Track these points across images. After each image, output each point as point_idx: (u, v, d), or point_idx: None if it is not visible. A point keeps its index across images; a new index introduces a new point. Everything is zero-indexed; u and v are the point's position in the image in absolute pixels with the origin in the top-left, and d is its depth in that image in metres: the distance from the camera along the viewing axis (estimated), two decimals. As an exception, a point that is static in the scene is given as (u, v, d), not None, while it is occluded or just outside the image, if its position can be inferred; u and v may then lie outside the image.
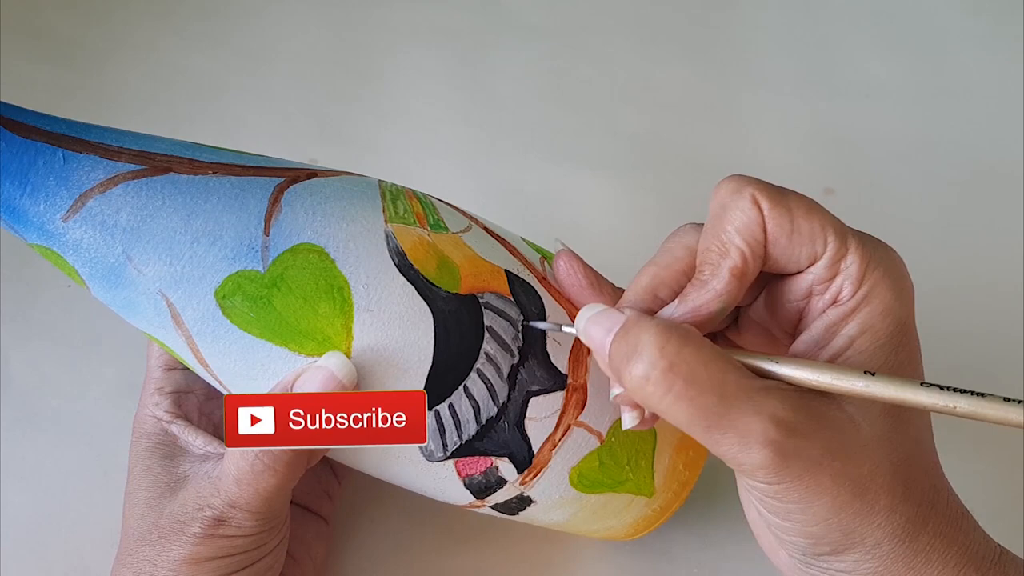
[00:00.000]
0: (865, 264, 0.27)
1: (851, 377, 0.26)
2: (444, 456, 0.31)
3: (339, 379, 0.28)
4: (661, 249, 0.30)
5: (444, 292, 0.30)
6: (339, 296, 0.29)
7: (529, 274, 0.33)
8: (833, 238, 0.27)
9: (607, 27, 0.61)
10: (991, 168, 0.55)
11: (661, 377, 0.25)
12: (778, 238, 0.27)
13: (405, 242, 0.30)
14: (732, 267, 0.27)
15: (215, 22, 0.58)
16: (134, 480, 0.33)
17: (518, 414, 0.31)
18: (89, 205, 0.28)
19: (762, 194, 0.27)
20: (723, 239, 0.27)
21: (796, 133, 0.56)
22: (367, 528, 0.41)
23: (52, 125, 0.29)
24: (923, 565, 0.26)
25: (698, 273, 0.28)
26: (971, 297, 0.50)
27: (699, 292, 0.27)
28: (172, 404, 0.34)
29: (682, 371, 0.25)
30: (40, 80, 0.54)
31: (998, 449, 0.44)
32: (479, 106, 0.56)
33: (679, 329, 0.26)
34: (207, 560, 0.30)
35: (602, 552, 0.41)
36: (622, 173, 0.54)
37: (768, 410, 0.25)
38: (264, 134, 0.53)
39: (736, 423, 0.25)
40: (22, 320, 0.45)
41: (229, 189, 0.29)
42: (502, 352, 0.31)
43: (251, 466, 0.29)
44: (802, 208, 0.27)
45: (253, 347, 0.29)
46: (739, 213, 0.27)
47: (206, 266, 0.29)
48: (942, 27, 0.61)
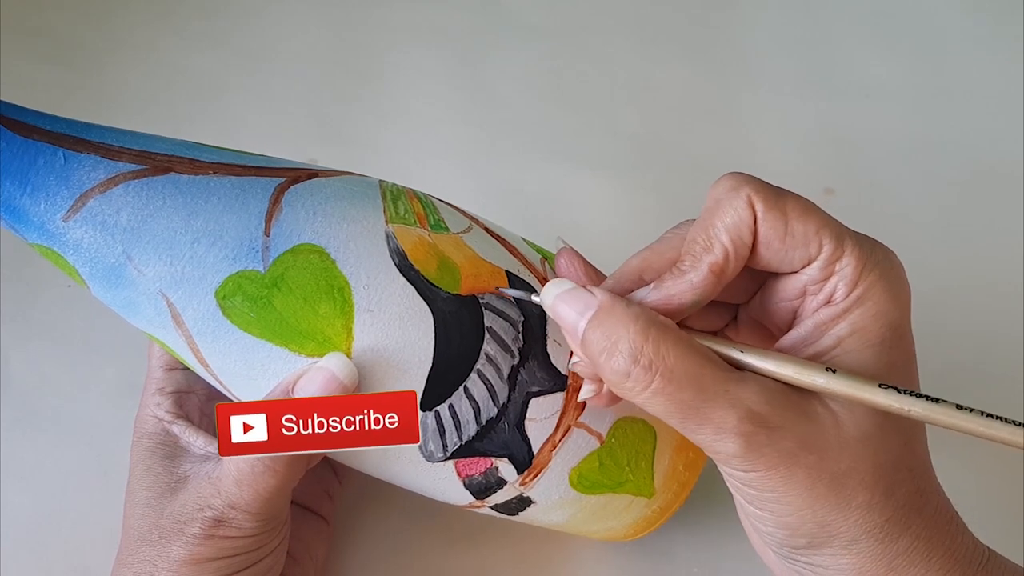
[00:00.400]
0: (861, 266, 0.27)
1: (812, 372, 0.26)
2: (444, 457, 0.31)
3: (340, 380, 0.28)
4: (660, 238, 0.30)
5: (444, 293, 0.30)
6: (340, 297, 0.29)
7: (530, 275, 0.33)
8: (829, 241, 0.27)
9: (607, 27, 0.60)
10: (991, 168, 0.55)
11: (641, 374, 0.26)
12: (771, 240, 0.27)
13: (406, 242, 0.30)
14: (712, 263, 0.27)
15: (215, 22, 0.58)
16: (135, 480, 0.33)
17: (518, 415, 0.31)
18: (90, 205, 0.28)
19: (758, 195, 0.27)
20: (710, 233, 0.27)
21: (796, 133, 0.56)
22: (367, 528, 0.41)
23: (52, 125, 0.29)
24: (905, 567, 0.26)
25: (679, 262, 0.28)
26: (971, 297, 0.50)
27: (675, 281, 0.28)
28: (173, 404, 0.34)
29: (661, 368, 0.26)
30: (40, 80, 0.53)
31: (998, 449, 0.44)
32: (479, 106, 0.56)
33: (657, 323, 0.26)
34: (207, 561, 0.30)
35: (602, 553, 0.41)
36: (622, 173, 0.53)
37: (743, 402, 0.25)
38: (264, 134, 0.53)
39: (711, 415, 0.25)
40: (22, 320, 0.45)
41: (230, 189, 0.29)
42: (502, 353, 0.31)
43: (251, 467, 0.29)
44: (798, 211, 0.27)
45: (253, 347, 0.29)
46: (731, 211, 0.27)
47: (207, 266, 0.29)
48: (942, 27, 0.61)
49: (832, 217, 0.27)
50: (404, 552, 0.40)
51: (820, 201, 0.28)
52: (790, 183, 0.28)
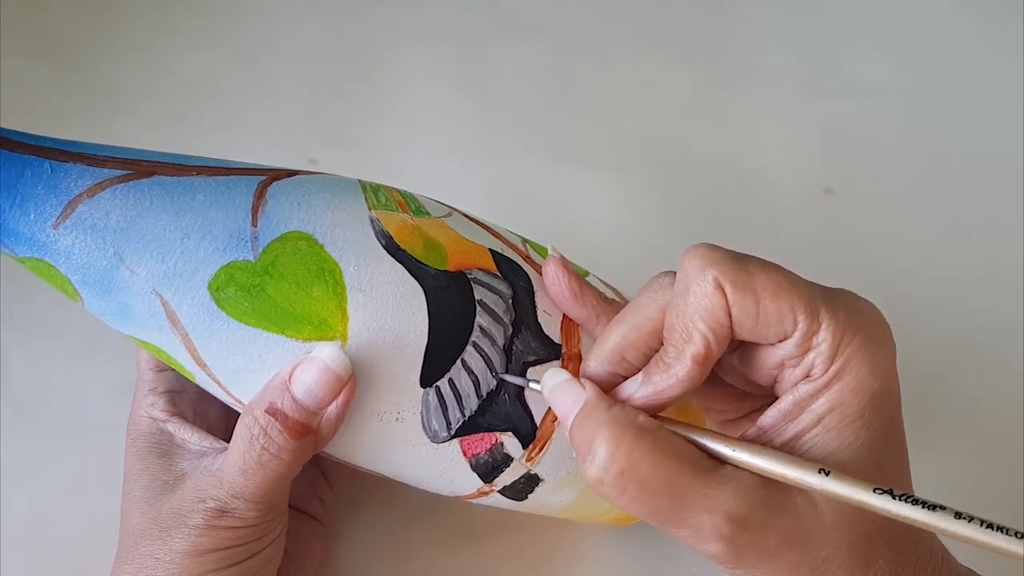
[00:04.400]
0: (838, 340, 0.26)
1: (806, 473, 0.26)
2: (449, 435, 0.31)
3: (333, 369, 0.29)
4: (633, 303, 0.29)
5: (433, 269, 0.31)
6: (331, 279, 0.30)
7: (513, 253, 0.34)
8: (803, 317, 0.26)
9: (607, 27, 0.61)
10: (991, 168, 0.55)
11: (613, 481, 0.26)
12: (743, 321, 0.26)
13: (390, 226, 0.31)
14: (695, 354, 0.27)
15: (215, 22, 0.58)
16: (131, 480, 0.33)
17: (517, 385, 0.32)
18: (79, 210, 0.29)
19: (725, 278, 0.26)
20: (687, 323, 0.27)
21: (796, 133, 0.56)
22: (365, 528, 0.41)
23: (36, 140, 0.29)
24: None
25: (663, 351, 0.28)
26: (971, 297, 0.50)
27: (663, 376, 0.27)
28: (167, 403, 0.34)
29: (633, 476, 0.26)
30: (40, 80, 0.54)
31: (996, 452, 0.44)
32: (479, 106, 0.56)
33: (631, 428, 0.26)
34: (209, 552, 0.30)
35: (601, 552, 0.41)
36: (622, 173, 0.54)
37: (722, 506, 0.25)
38: (264, 134, 0.53)
39: (690, 521, 0.26)
40: (22, 320, 0.45)
41: (214, 187, 0.30)
42: (495, 325, 0.31)
43: (258, 456, 0.30)
44: (769, 289, 0.26)
45: (250, 338, 0.30)
46: (703, 298, 0.26)
47: (198, 260, 0.29)
48: (942, 27, 0.61)
49: (806, 286, 0.27)
50: (403, 552, 0.40)
51: (820, 201, 0.28)
52: (790, 183, 0.28)
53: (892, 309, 0.53)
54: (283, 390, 0.29)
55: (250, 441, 0.29)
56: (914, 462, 0.28)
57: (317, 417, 0.29)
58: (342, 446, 0.32)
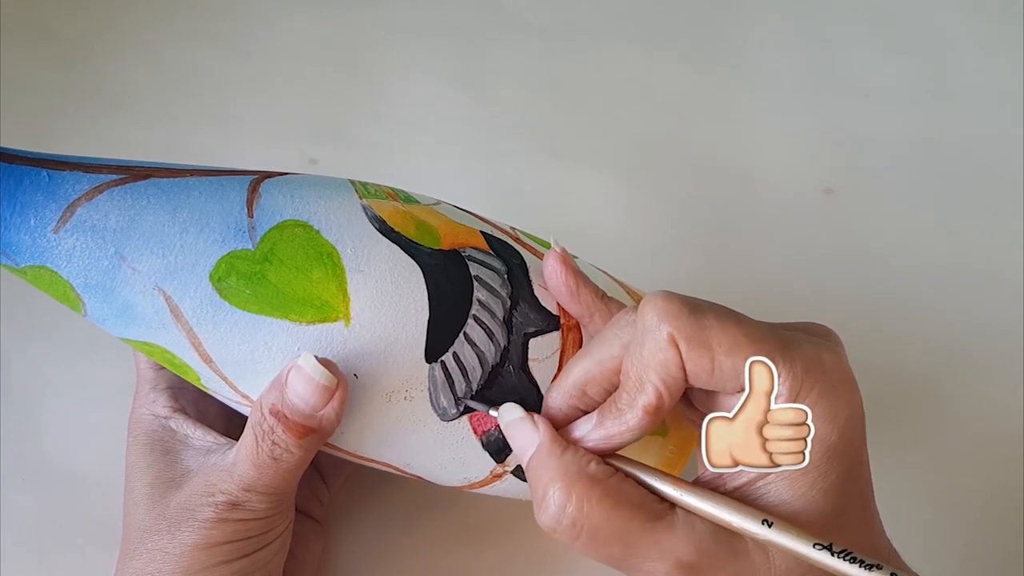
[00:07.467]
0: (795, 392, 0.26)
1: (749, 521, 0.26)
2: (458, 412, 0.32)
3: (316, 379, 0.29)
4: (599, 339, 0.30)
5: (427, 248, 0.32)
6: (329, 261, 0.30)
7: (504, 235, 0.34)
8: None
9: (607, 27, 0.61)
10: (991, 168, 0.55)
11: (567, 531, 0.27)
12: (698, 375, 0.27)
13: (382, 211, 0.32)
14: (646, 404, 0.27)
15: (216, 22, 0.58)
16: (135, 478, 0.33)
17: (520, 356, 0.32)
18: (78, 213, 0.29)
19: (680, 334, 0.26)
20: (640, 373, 0.27)
21: (796, 133, 0.56)
22: (365, 528, 0.41)
23: (32, 154, 0.30)
24: None
25: (617, 395, 0.28)
26: (971, 297, 0.50)
27: (614, 422, 0.28)
28: (169, 399, 0.34)
29: (584, 526, 0.26)
30: (40, 80, 0.54)
31: (997, 450, 0.44)
32: (478, 106, 0.56)
33: (583, 479, 0.27)
34: (219, 544, 0.31)
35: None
36: (622, 173, 0.54)
37: (672, 552, 0.26)
38: (264, 134, 0.53)
39: (642, 567, 0.26)
40: (22, 320, 0.45)
41: (208, 185, 0.31)
42: (493, 298, 0.32)
43: (269, 451, 0.30)
44: (724, 345, 0.26)
45: (255, 326, 0.30)
46: (657, 352, 0.27)
47: (198, 252, 0.30)
48: (942, 27, 0.61)
49: (764, 338, 0.27)
50: (402, 552, 0.40)
51: (820, 201, 0.28)
52: (790, 183, 0.28)
53: (891, 309, 0.54)
54: (281, 393, 0.29)
55: (261, 437, 0.30)
56: (911, 463, 0.28)
57: (315, 418, 0.30)
58: (353, 435, 0.32)
